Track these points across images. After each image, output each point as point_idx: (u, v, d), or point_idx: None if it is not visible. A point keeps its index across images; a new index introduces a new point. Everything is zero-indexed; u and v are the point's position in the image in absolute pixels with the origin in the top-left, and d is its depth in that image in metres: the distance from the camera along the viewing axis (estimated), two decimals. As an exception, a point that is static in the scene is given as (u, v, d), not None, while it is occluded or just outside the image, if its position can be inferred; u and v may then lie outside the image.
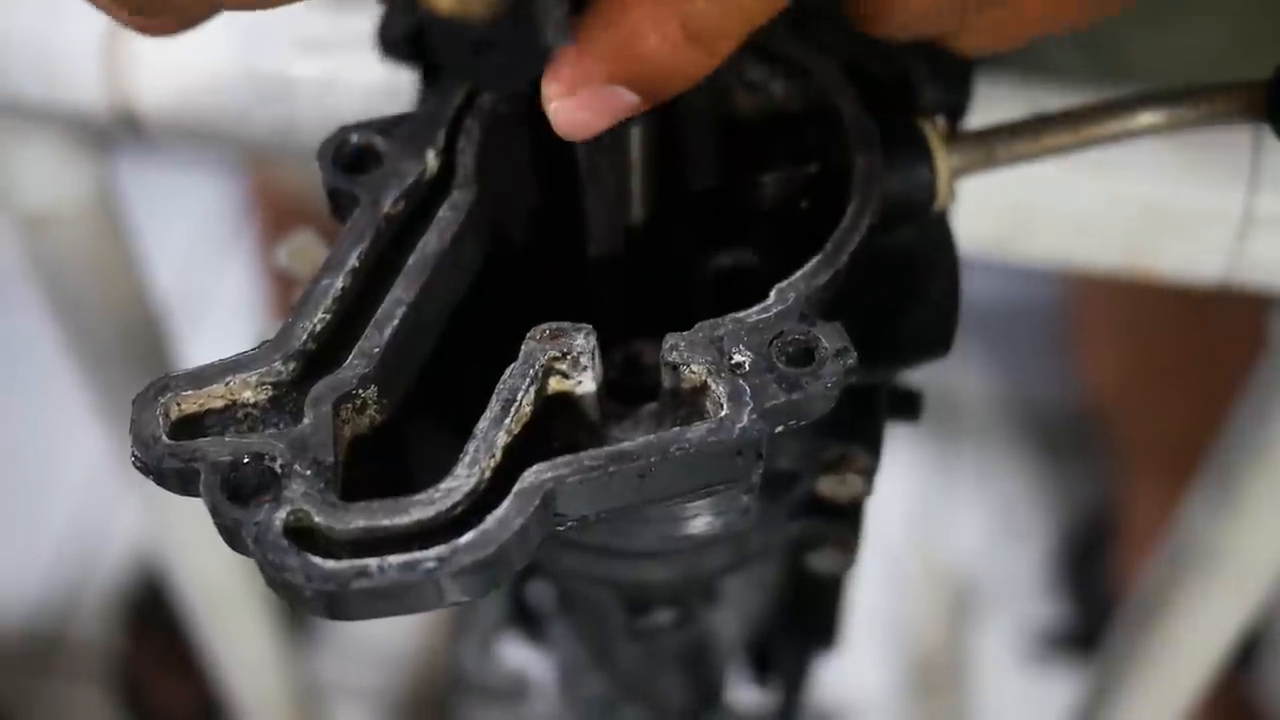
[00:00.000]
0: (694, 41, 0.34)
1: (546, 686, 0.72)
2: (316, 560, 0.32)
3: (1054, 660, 1.44)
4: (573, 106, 0.35)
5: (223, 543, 0.34)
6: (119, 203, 0.73)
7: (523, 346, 0.37)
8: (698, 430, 0.35)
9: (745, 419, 0.36)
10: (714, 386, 0.36)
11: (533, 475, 0.34)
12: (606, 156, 0.43)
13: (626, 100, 0.35)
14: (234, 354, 0.37)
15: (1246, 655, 1.27)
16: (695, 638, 0.59)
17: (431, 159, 0.41)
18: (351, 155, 0.41)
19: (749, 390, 0.36)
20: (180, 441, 0.35)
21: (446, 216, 0.40)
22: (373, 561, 0.32)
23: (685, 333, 0.37)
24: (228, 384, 0.36)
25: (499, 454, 0.35)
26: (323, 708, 1.11)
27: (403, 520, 0.33)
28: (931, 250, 0.45)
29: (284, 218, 1.29)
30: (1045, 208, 0.56)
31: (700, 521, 0.44)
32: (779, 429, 0.36)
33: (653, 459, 0.35)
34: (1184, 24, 0.80)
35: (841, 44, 0.45)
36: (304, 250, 0.51)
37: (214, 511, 0.34)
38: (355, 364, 0.37)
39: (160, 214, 1.55)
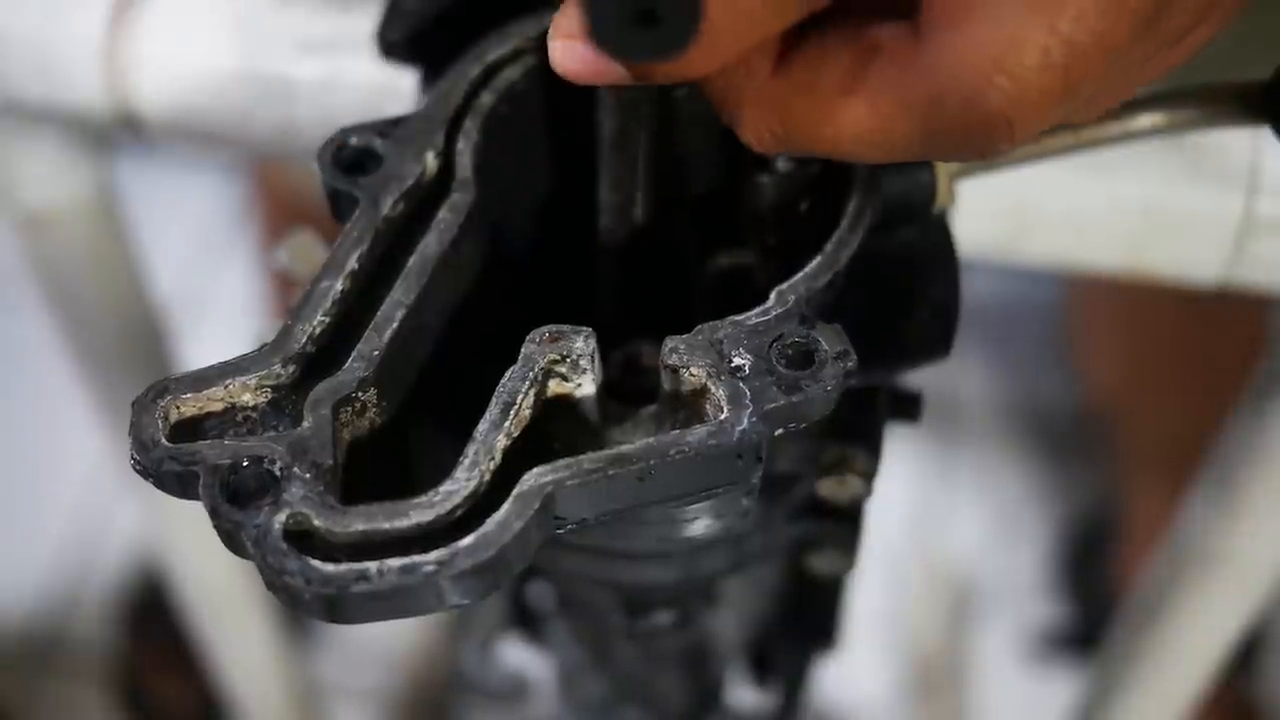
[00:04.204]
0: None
1: (546, 687, 0.72)
2: (316, 563, 0.32)
3: (1054, 660, 1.44)
4: (570, 53, 0.36)
5: (223, 544, 0.34)
6: (119, 203, 0.72)
7: (522, 349, 0.37)
8: (697, 433, 0.35)
9: (745, 422, 0.36)
10: (714, 389, 0.36)
11: (532, 478, 0.34)
12: (632, 123, 0.43)
13: (617, 71, 0.36)
14: (233, 357, 0.37)
15: (1246, 656, 1.27)
16: (695, 639, 0.59)
17: (430, 160, 0.41)
18: (351, 157, 0.41)
19: (749, 393, 0.36)
20: (179, 444, 0.35)
21: (446, 218, 0.40)
22: (372, 565, 0.32)
23: (685, 335, 0.37)
24: (227, 387, 0.36)
25: (498, 457, 0.35)
26: (323, 708, 1.11)
27: (402, 523, 0.33)
28: (931, 251, 0.45)
29: (284, 218, 1.29)
30: (1045, 208, 0.56)
31: (700, 524, 0.44)
32: (779, 431, 0.36)
33: (652, 462, 0.35)
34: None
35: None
36: (304, 251, 0.51)
37: (213, 514, 0.34)
38: (355, 367, 0.37)
39: (160, 214, 1.55)
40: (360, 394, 0.37)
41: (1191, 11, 0.34)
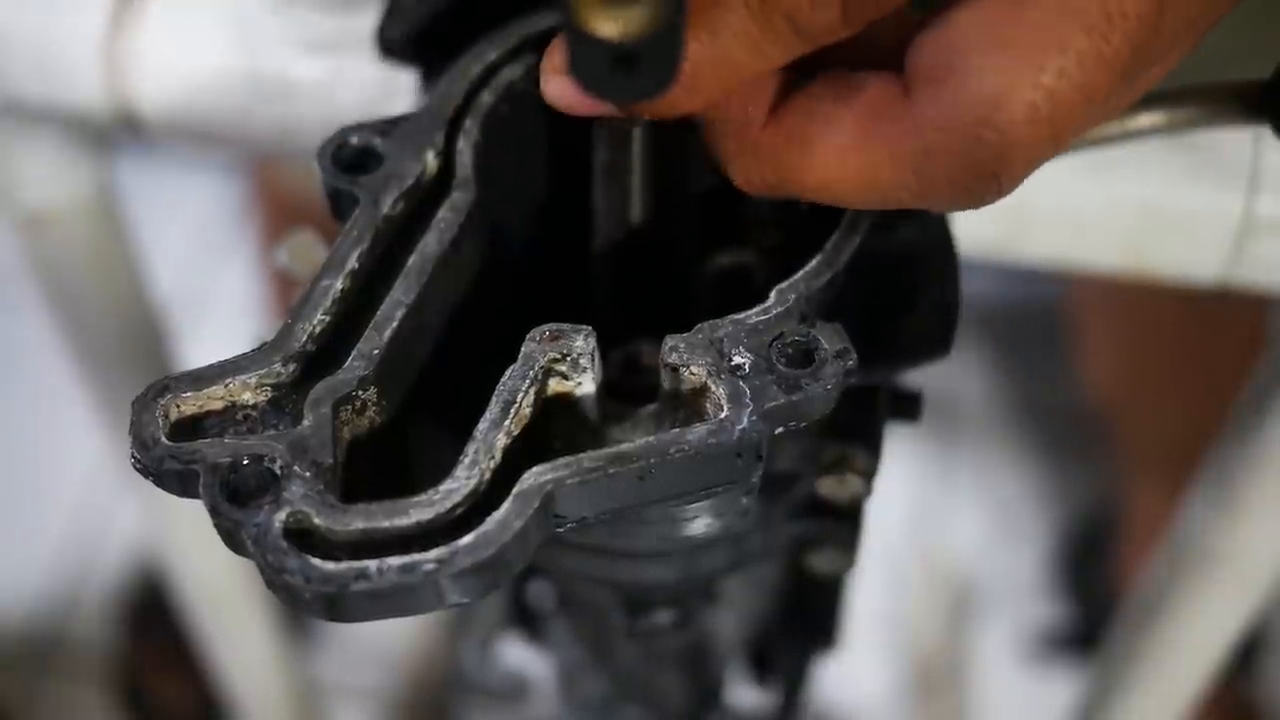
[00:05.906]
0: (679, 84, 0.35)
1: (546, 686, 0.72)
2: (316, 562, 0.32)
3: (1054, 660, 1.44)
4: (562, 88, 0.37)
5: (223, 543, 0.34)
6: (119, 203, 0.72)
7: (522, 348, 0.37)
8: (697, 432, 0.35)
9: (745, 420, 0.36)
10: (714, 388, 0.36)
11: (532, 477, 0.34)
12: (623, 153, 0.43)
13: (607, 106, 0.37)
14: (233, 355, 0.37)
15: (1246, 656, 1.27)
16: (695, 638, 0.59)
17: (431, 160, 0.41)
18: (351, 156, 0.41)
19: (749, 392, 0.36)
20: (180, 443, 0.35)
21: (446, 218, 0.40)
22: (372, 563, 0.32)
23: (685, 334, 0.37)
24: (227, 385, 0.36)
25: (498, 455, 0.35)
26: (323, 708, 1.11)
27: (402, 522, 0.33)
28: (931, 250, 0.45)
29: (284, 218, 1.29)
30: (1045, 208, 0.56)
31: (700, 523, 0.44)
32: (779, 430, 0.36)
33: (652, 460, 0.35)
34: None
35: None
36: (304, 250, 0.51)
37: (213, 513, 0.34)
38: (355, 365, 0.37)
39: (160, 214, 1.56)
40: (360, 393, 0.37)
41: (1162, 57, 0.35)
